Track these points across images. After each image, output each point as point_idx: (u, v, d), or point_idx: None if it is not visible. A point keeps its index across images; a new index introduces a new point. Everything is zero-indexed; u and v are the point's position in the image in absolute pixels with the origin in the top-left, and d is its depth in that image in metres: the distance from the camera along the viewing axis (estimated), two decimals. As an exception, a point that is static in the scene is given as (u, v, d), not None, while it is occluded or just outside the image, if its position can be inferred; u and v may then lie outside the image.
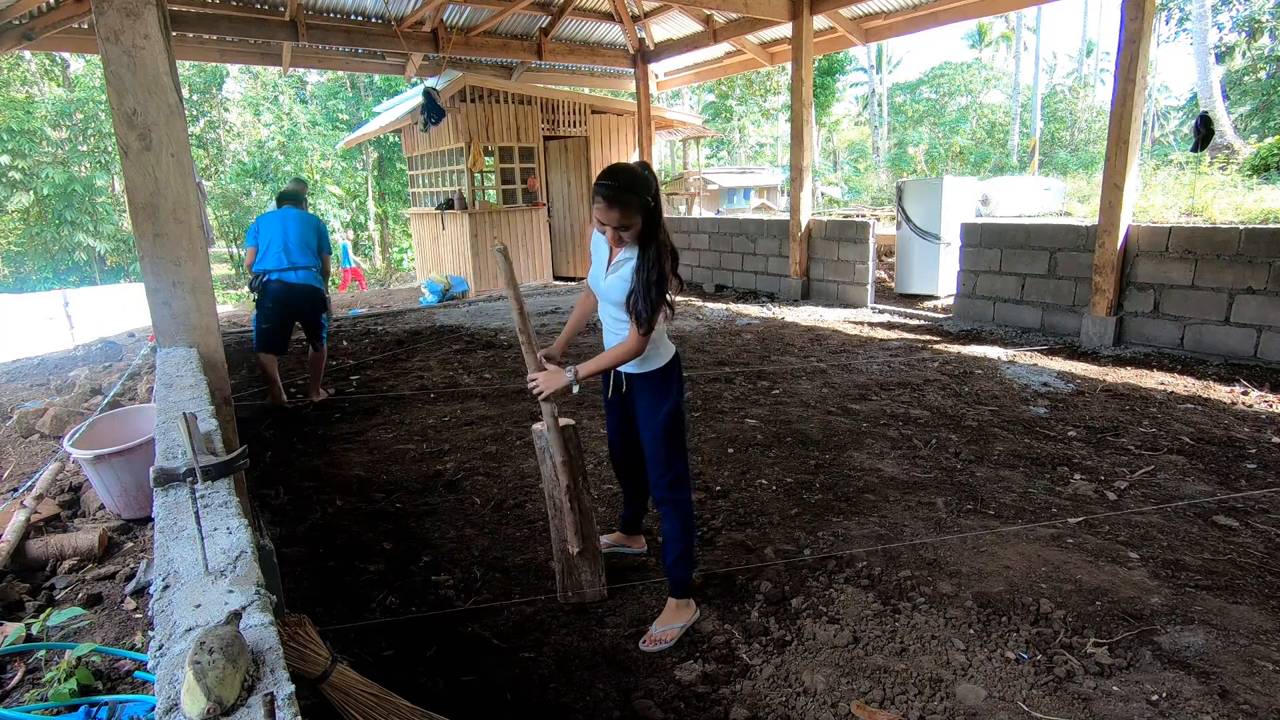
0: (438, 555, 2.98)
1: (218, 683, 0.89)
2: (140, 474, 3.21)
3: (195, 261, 2.57)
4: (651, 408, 2.35)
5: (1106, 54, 32.15)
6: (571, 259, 12.09)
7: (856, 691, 2.10)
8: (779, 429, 4.29)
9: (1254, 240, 5.25)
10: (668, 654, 2.31)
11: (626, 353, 2.23)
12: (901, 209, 9.02)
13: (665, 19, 10.25)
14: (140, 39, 2.36)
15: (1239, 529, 2.96)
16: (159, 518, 1.45)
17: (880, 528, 3.06)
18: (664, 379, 2.35)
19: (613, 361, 2.27)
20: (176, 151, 2.48)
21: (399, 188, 20.55)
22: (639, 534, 2.96)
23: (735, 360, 5.95)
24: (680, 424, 2.38)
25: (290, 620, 1.62)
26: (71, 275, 16.21)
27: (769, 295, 9.31)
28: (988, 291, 7.05)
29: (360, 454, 4.19)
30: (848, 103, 34.90)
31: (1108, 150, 5.86)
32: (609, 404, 2.57)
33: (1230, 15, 22.98)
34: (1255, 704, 1.98)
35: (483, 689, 2.18)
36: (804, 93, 8.43)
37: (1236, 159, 13.73)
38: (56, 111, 16.42)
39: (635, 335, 2.20)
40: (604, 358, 2.27)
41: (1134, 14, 5.51)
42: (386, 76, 17.89)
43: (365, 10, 8.89)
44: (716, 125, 27.14)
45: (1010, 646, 2.26)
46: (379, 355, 6.64)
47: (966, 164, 21.93)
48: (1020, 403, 4.64)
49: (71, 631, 2.47)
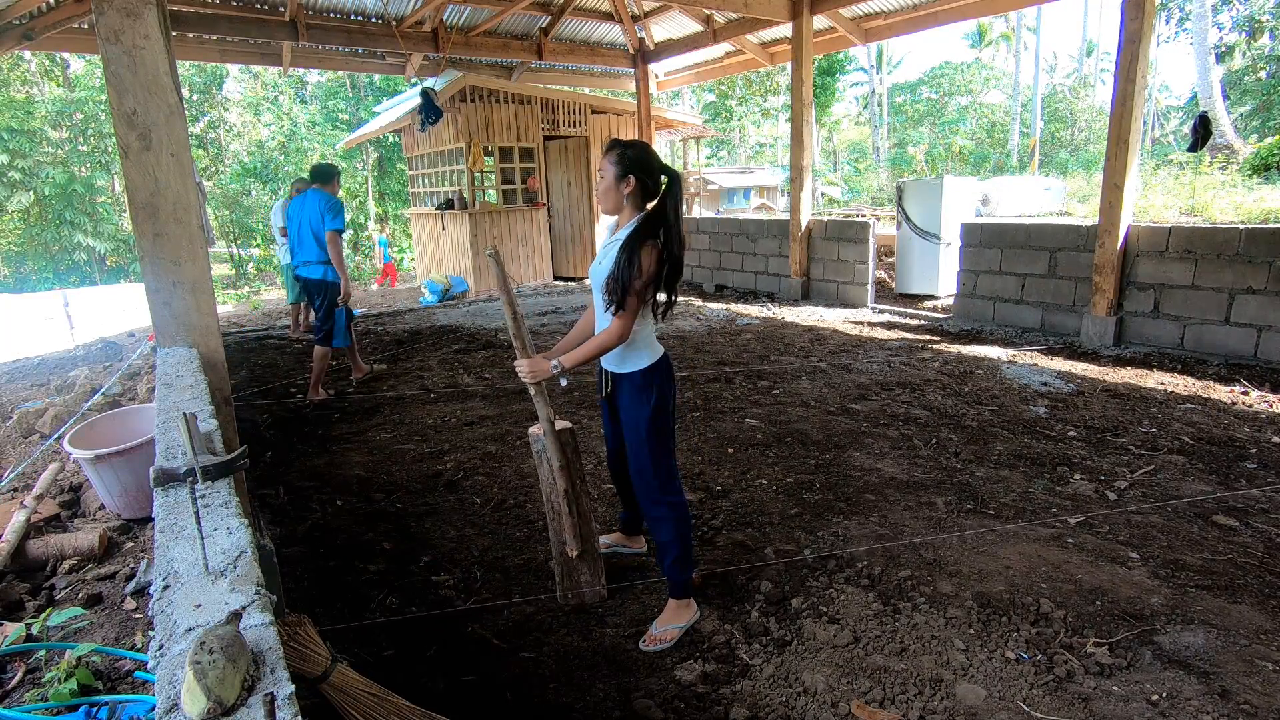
0: (438, 555, 2.98)
1: (218, 683, 0.89)
2: (140, 474, 3.22)
3: (195, 261, 2.57)
4: (633, 410, 2.34)
5: (1106, 54, 32.14)
6: (571, 259, 12.08)
7: (857, 691, 2.10)
8: (779, 429, 4.29)
9: (1254, 240, 5.25)
10: (668, 654, 2.31)
11: (608, 340, 2.24)
12: (901, 209, 9.02)
13: (665, 19, 10.25)
14: (140, 39, 2.37)
15: (1239, 529, 2.96)
16: (159, 518, 1.45)
17: (880, 527, 3.06)
18: (646, 381, 2.32)
19: (595, 349, 2.27)
20: (176, 151, 2.48)
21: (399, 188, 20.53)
22: (639, 534, 2.95)
23: (735, 360, 5.95)
24: (663, 427, 2.36)
25: (290, 620, 1.62)
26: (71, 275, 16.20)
27: (769, 295, 9.32)
28: (988, 291, 7.05)
29: (360, 454, 4.19)
30: (848, 103, 34.90)
31: (1108, 150, 5.86)
32: (602, 405, 2.57)
33: (1230, 15, 22.97)
34: (1255, 704, 1.98)
35: (483, 689, 2.18)
36: (804, 93, 8.43)
37: (1236, 159, 13.73)
38: (56, 111, 16.41)
39: (614, 321, 2.21)
40: (587, 347, 2.28)
41: (1134, 14, 5.51)
42: (386, 76, 17.88)
43: (365, 10, 8.90)
44: (716, 125, 27.14)
45: (1010, 646, 2.26)
46: (379, 355, 6.64)
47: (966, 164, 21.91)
48: (1020, 403, 4.64)
49: (71, 631, 2.47)
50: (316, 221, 5.00)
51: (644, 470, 2.37)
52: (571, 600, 2.59)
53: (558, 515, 2.51)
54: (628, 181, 2.25)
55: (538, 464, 2.53)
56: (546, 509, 2.58)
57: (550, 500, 2.53)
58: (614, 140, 2.30)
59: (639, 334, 2.30)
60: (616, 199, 2.28)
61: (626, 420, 2.38)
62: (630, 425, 2.37)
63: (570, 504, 2.46)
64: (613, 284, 2.18)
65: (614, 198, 2.29)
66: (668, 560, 2.41)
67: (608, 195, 2.30)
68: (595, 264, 2.36)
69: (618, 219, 2.35)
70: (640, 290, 2.18)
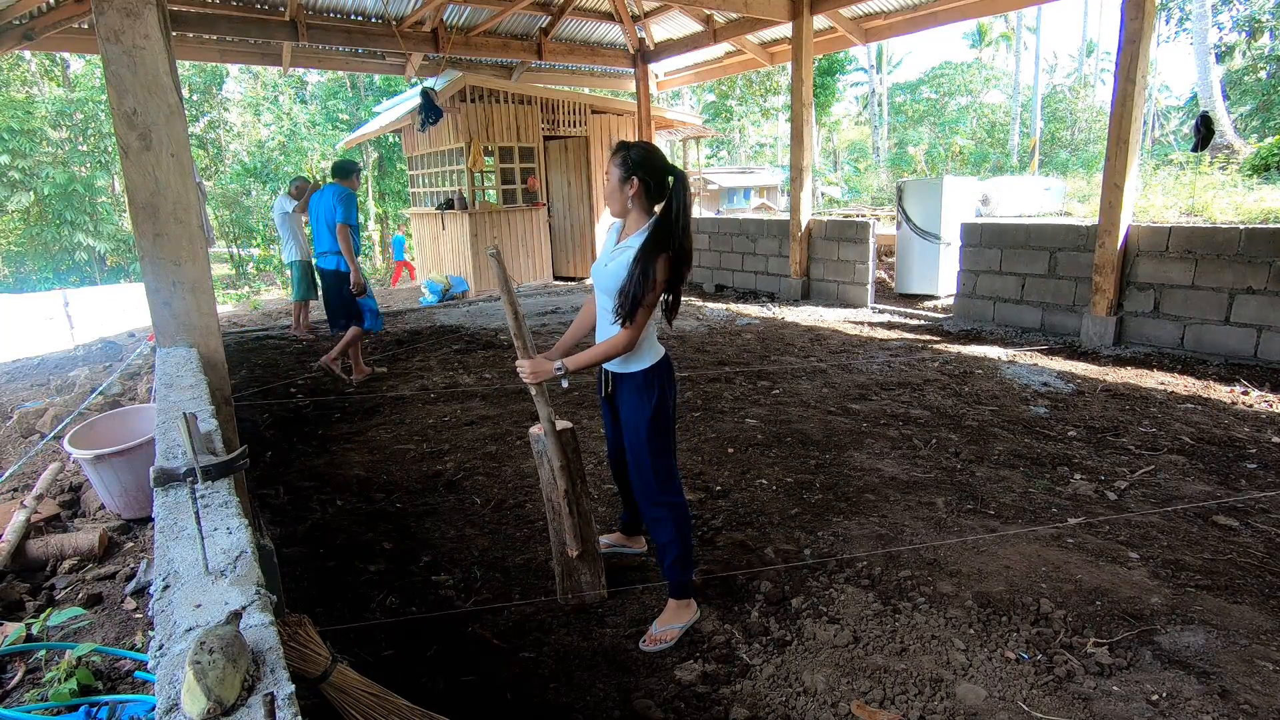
0: (438, 555, 2.98)
1: (218, 683, 0.89)
2: (140, 474, 3.21)
3: (195, 261, 2.57)
4: (634, 410, 2.35)
5: (1106, 54, 32.14)
6: (571, 259, 12.08)
7: (857, 691, 2.11)
8: (779, 429, 4.29)
9: (1254, 240, 5.25)
10: (668, 654, 2.31)
11: (614, 348, 2.24)
12: (901, 209, 9.02)
13: (665, 19, 10.25)
14: (140, 39, 2.37)
15: (1239, 529, 2.96)
16: (159, 518, 1.45)
17: (880, 528, 3.06)
18: (647, 381, 2.33)
19: (601, 356, 2.27)
20: (176, 151, 2.49)
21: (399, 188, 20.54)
22: (639, 534, 2.95)
23: (735, 360, 5.95)
24: (663, 427, 2.36)
25: (290, 620, 1.62)
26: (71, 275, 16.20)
27: (769, 295, 9.32)
28: (988, 291, 7.05)
29: (360, 454, 4.19)
30: (848, 103, 34.91)
31: (1108, 150, 5.86)
32: (603, 405, 2.57)
33: (1230, 15, 22.98)
34: (1255, 704, 1.98)
35: (483, 689, 2.18)
36: (804, 93, 8.43)
37: (1236, 159, 13.72)
38: (56, 111, 16.42)
39: (622, 332, 2.22)
40: (593, 352, 2.28)
41: (1134, 14, 5.51)
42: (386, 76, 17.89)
43: (365, 10, 8.90)
44: (716, 125, 27.14)
45: (1010, 646, 2.26)
46: (379, 355, 6.64)
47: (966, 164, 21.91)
48: (1020, 403, 4.64)
49: (71, 631, 2.47)
50: (331, 215, 5.26)
51: (643, 470, 2.38)
52: (571, 600, 2.59)
53: (558, 515, 2.51)
54: (631, 183, 2.26)
55: (538, 464, 2.53)
56: (547, 509, 2.58)
57: (550, 500, 2.53)
58: (620, 142, 2.32)
59: (642, 336, 2.30)
60: (621, 201, 2.29)
61: (626, 420, 2.38)
62: (630, 425, 2.37)
63: (571, 504, 2.46)
64: (624, 297, 2.19)
65: (619, 200, 2.30)
66: (667, 560, 2.41)
67: (613, 198, 2.32)
68: (599, 264, 2.37)
69: (624, 221, 2.36)
70: (651, 304, 2.21)
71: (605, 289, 2.29)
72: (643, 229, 2.26)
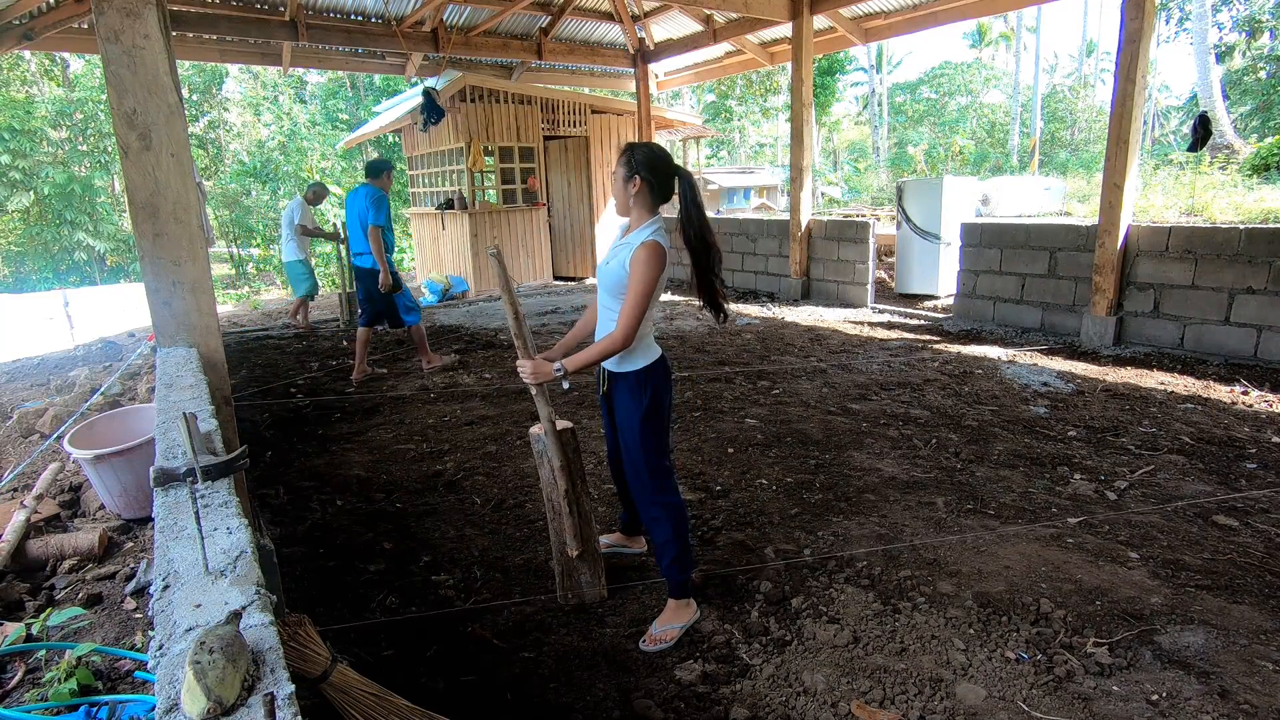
0: (438, 555, 2.99)
1: (218, 683, 0.89)
2: (140, 474, 3.22)
3: (195, 261, 2.57)
4: (628, 411, 2.36)
5: (1106, 54, 32.16)
6: (571, 259, 12.08)
7: (856, 691, 2.11)
8: (779, 429, 4.29)
9: (1254, 240, 5.25)
10: (668, 654, 2.31)
11: (611, 346, 2.26)
12: (901, 209, 9.02)
13: (665, 19, 10.25)
14: (140, 39, 2.36)
15: (1239, 529, 2.96)
16: (159, 518, 1.45)
17: (880, 527, 3.06)
18: (640, 382, 2.34)
19: (599, 355, 2.29)
20: (176, 151, 2.48)
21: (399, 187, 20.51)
22: (639, 534, 2.95)
23: (735, 360, 5.95)
24: (657, 427, 2.37)
25: (290, 620, 1.62)
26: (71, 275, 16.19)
27: (769, 295, 9.31)
28: (988, 291, 7.05)
29: (360, 454, 4.19)
30: (848, 103, 34.91)
31: (1108, 150, 5.86)
32: (602, 404, 2.58)
33: (1230, 15, 22.97)
34: (1255, 704, 1.98)
35: (483, 689, 2.18)
36: (804, 93, 8.43)
37: (1236, 159, 13.72)
38: (56, 111, 16.40)
39: (619, 328, 2.24)
40: (591, 351, 2.30)
41: (1134, 14, 5.51)
42: (386, 76, 17.88)
43: (365, 10, 8.89)
44: (716, 125, 27.13)
45: (1010, 646, 2.26)
46: (379, 356, 6.64)
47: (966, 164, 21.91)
48: (1020, 402, 4.64)
49: (71, 631, 2.47)
50: (364, 216, 5.44)
51: (638, 470, 2.39)
52: (571, 600, 2.59)
53: (558, 515, 2.51)
54: (634, 182, 2.29)
55: (538, 464, 2.53)
56: (547, 509, 2.58)
57: (550, 500, 2.53)
58: (628, 143, 2.36)
59: (639, 336, 2.31)
60: (624, 200, 2.33)
61: (621, 420, 2.40)
62: (625, 425, 2.38)
63: (571, 504, 2.46)
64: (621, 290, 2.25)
65: (622, 198, 2.34)
66: (666, 560, 2.42)
67: (617, 196, 2.36)
68: (603, 264, 2.39)
69: (629, 221, 2.38)
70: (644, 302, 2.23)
71: (605, 287, 2.32)
72: (642, 227, 2.29)
